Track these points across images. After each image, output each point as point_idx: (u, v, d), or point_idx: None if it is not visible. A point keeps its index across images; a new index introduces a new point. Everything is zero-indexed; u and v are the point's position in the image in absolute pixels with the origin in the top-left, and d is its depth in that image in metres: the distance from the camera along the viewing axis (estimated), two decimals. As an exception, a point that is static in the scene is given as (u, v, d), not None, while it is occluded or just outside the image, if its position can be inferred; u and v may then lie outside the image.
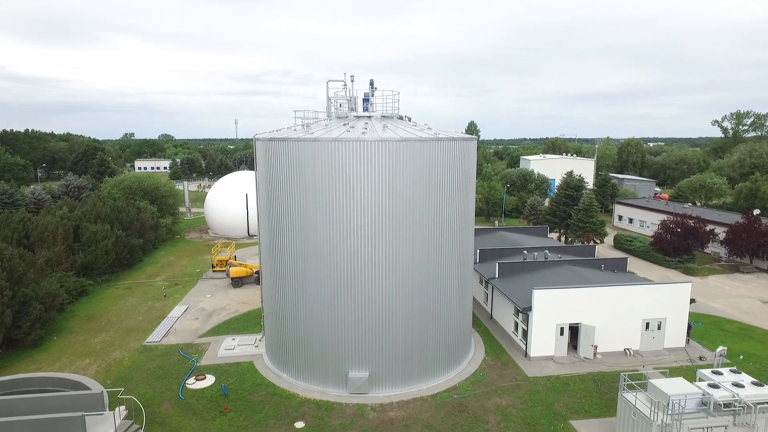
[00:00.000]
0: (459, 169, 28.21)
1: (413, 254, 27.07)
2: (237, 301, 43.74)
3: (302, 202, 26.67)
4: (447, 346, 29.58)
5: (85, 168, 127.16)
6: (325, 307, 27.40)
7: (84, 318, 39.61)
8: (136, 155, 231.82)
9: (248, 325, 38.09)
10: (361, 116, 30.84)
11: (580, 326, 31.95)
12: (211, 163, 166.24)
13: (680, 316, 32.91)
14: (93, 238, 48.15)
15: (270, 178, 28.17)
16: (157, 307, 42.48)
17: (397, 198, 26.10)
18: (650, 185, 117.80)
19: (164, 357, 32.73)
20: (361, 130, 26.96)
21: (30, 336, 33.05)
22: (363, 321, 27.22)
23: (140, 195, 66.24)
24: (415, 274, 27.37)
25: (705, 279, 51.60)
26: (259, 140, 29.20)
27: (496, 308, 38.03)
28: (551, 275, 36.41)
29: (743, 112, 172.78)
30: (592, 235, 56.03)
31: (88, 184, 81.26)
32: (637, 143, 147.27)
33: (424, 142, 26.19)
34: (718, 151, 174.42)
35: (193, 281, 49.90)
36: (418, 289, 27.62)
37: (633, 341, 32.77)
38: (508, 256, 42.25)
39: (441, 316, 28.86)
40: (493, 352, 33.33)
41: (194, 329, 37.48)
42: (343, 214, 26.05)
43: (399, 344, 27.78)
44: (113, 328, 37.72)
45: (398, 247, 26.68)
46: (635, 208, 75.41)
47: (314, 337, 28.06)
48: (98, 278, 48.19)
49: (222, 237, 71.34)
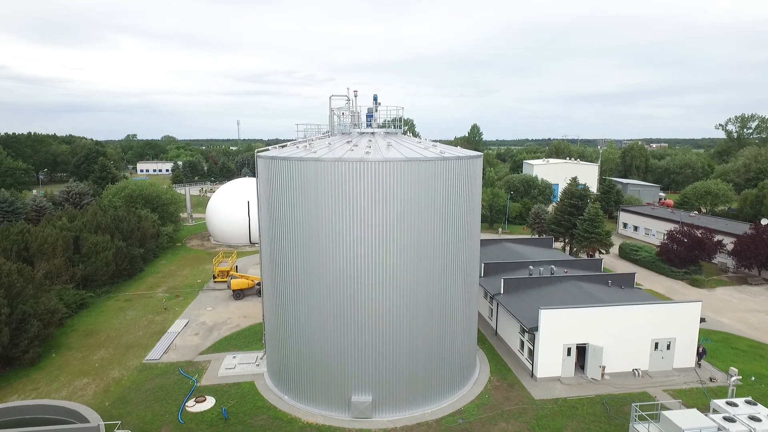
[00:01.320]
0: (465, 187, 27.58)
1: (418, 275, 26.46)
2: (238, 315, 43.20)
3: (305, 222, 26.09)
4: (452, 368, 28.95)
5: (87, 172, 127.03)
6: (328, 329, 26.81)
7: (83, 333, 39.11)
8: (138, 157, 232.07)
9: (249, 341, 37.53)
10: (365, 132, 30.27)
11: (588, 346, 31.30)
12: (213, 166, 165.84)
13: (690, 335, 32.22)
14: (93, 249, 47.67)
15: (272, 197, 27.59)
16: (157, 320, 41.96)
17: (402, 218, 25.49)
18: (654, 190, 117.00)
19: (164, 376, 32.18)
20: (364, 149, 26.36)
21: (28, 354, 32.55)
22: (366, 343, 26.62)
23: (141, 203, 65.78)
24: (420, 295, 26.76)
25: (712, 291, 50.84)
26: (261, 158, 28.62)
27: (501, 324, 37.38)
28: (558, 292, 35.75)
29: (748, 115, 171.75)
30: (598, 245, 55.31)
31: (89, 190, 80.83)
32: (640, 147, 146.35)
33: (429, 161, 25.57)
34: (722, 154, 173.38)
35: (194, 293, 49.39)
36: (423, 310, 27.01)
37: (642, 361, 32.09)
38: (513, 270, 41.61)
39: (446, 338, 28.24)
40: (499, 371, 32.69)
41: (194, 345, 36.93)
42: (346, 235, 25.45)
43: (403, 367, 27.17)
44: (112, 344, 37.20)
45: (403, 267, 26.07)
46: (641, 216, 74.60)
47: (316, 358, 27.48)
48: (98, 290, 47.72)
49: (223, 245, 70.90)
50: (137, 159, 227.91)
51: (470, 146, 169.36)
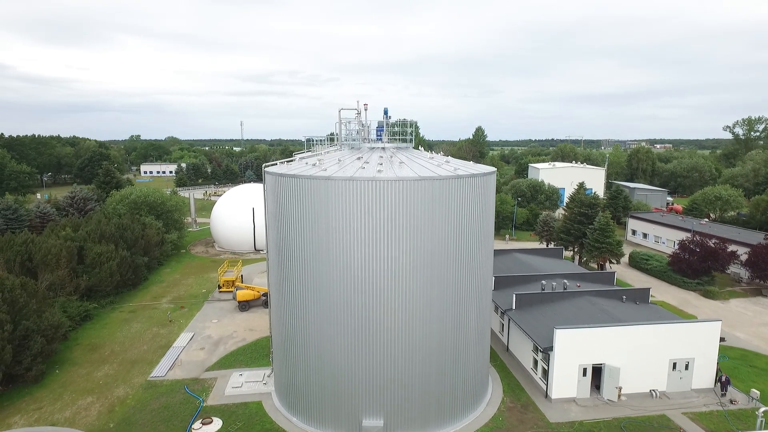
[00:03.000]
0: (479, 205, 26.80)
1: (432, 296, 25.68)
2: (244, 328, 42.51)
3: (315, 241, 25.34)
4: (465, 389, 28.16)
5: (91, 175, 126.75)
6: (338, 350, 26.05)
7: (87, 347, 38.48)
8: (142, 158, 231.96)
9: (256, 356, 36.82)
10: (375, 147, 29.51)
11: (604, 367, 30.45)
12: (216, 168, 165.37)
13: (710, 355, 31.34)
14: (97, 259, 47.07)
15: (280, 213, 26.85)
16: (162, 334, 41.30)
17: (415, 238, 24.71)
18: (662, 195, 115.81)
19: (170, 395, 31.51)
20: (376, 166, 25.60)
21: (31, 372, 31.93)
22: (378, 364, 25.85)
23: (146, 210, 65.18)
24: (434, 315, 25.97)
25: (726, 303, 49.87)
26: (269, 173, 27.89)
27: (513, 341, 36.57)
28: (571, 308, 34.91)
29: (755, 117, 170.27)
30: (609, 255, 54.39)
31: (93, 195, 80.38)
32: (647, 150, 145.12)
33: (443, 180, 24.80)
34: (728, 157, 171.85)
35: (199, 303, 48.73)
36: (436, 331, 26.22)
37: (659, 382, 31.22)
38: (524, 283, 40.79)
39: (460, 359, 27.45)
40: (512, 391, 31.87)
41: (200, 361, 36.25)
42: (357, 255, 24.69)
43: (416, 389, 26.40)
44: (117, 359, 36.55)
45: (416, 288, 25.30)
46: (650, 223, 73.56)
47: (326, 379, 26.73)
48: (102, 301, 47.11)
49: (228, 251, 70.26)
50: (141, 160, 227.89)
51: (475, 148, 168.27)
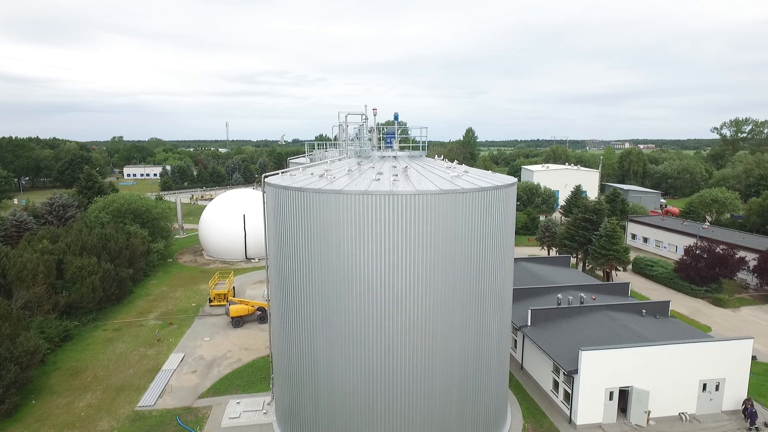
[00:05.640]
0: (502, 218, 24.53)
1: (453, 320, 23.31)
2: (239, 346, 39.69)
3: (324, 261, 22.78)
4: (487, 418, 25.84)
5: (72, 179, 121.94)
6: (351, 379, 23.54)
7: (67, 372, 35.31)
8: (125, 160, 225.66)
9: (254, 380, 34.08)
10: (386, 156, 27.09)
11: (632, 390, 28.44)
12: (203, 171, 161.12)
13: (741, 375, 29.56)
14: (78, 274, 43.76)
15: (283, 230, 24.22)
16: (149, 355, 38.27)
17: (436, 257, 22.32)
18: (656, 197, 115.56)
19: (160, 427, 28.66)
20: (390, 177, 23.18)
21: (3, 405, 28.78)
22: (395, 396, 23.40)
23: (130, 218, 61.73)
24: (455, 342, 23.59)
25: (737, 312, 48.52)
26: (271, 186, 25.25)
27: (529, 359, 34.43)
28: (591, 325, 32.89)
29: (742, 119, 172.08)
30: (616, 263, 52.71)
31: (74, 201, 76.35)
32: (638, 152, 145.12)
33: (467, 193, 22.46)
34: (716, 158, 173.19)
35: (188, 319, 45.72)
36: (457, 359, 23.83)
37: (689, 404, 29.33)
38: (537, 296, 38.74)
39: (482, 387, 25.12)
40: (532, 416, 29.69)
41: (193, 386, 33.39)
42: (373, 275, 22.23)
43: (435, 421, 24.01)
44: (101, 386, 33.49)
45: (435, 312, 22.91)
46: (651, 227, 72.34)
47: (336, 413, 24.18)
48: (84, 318, 43.82)
49: (218, 260, 67.13)
50: (124, 162, 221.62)
51: (466, 150, 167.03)
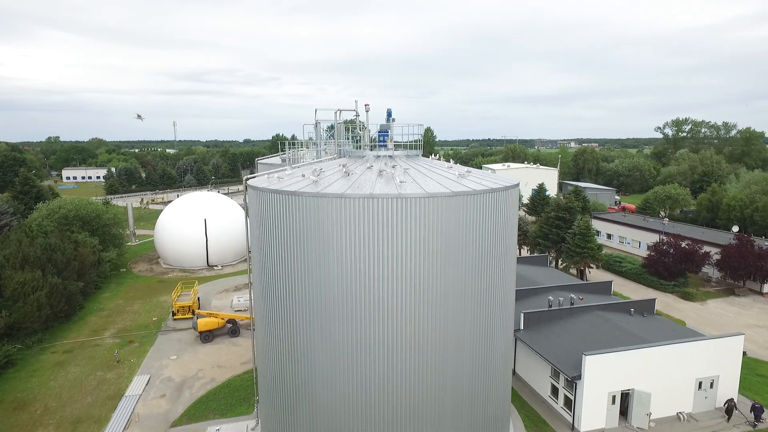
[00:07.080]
0: (506, 221, 23.12)
1: (463, 331, 21.65)
2: (211, 364, 36.39)
3: (321, 272, 20.50)
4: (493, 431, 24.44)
5: (4, 183, 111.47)
6: (350, 400, 21.40)
7: (11, 406, 30.88)
8: (63, 162, 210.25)
9: (231, 401, 31.09)
10: (381, 155, 25.04)
11: (633, 392, 27.92)
12: (152, 172, 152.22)
13: (733, 371, 29.78)
14: (20, 290, 38.85)
15: (270, 239, 21.71)
16: (109, 379, 34.30)
17: (446, 263, 20.60)
18: (611, 194, 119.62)
19: (128, 464, 25.30)
20: (396, 179, 21.20)
21: (-64, 451, 24.47)
22: (393, 419, 21.48)
23: (78, 226, 56.19)
24: (465, 356, 21.95)
25: (705, 305, 50.01)
26: (255, 189, 22.63)
27: (522, 363, 33.44)
28: (585, 327, 32.28)
29: (682, 119, 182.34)
30: (590, 260, 53.17)
31: (9, 207, 68.99)
32: (592, 151, 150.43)
33: (476, 195, 20.86)
34: (659, 156, 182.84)
35: (151, 335, 41.72)
36: (467, 372, 22.21)
37: (685, 403, 29.20)
38: (525, 298, 37.85)
39: (487, 402, 23.63)
40: (534, 425, 28.60)
41: (163, 413, 30.00)
42: (378, 286, 20.20)
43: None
44: (53, 420, 29.43)
45: (447, 322, 21.19)
46: (615, 224, 74.14)
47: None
48: (28, 340, 38.98)
49: (177, 268, 62.54)
50: (62, 164, 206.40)
51: (425, 150, 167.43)
